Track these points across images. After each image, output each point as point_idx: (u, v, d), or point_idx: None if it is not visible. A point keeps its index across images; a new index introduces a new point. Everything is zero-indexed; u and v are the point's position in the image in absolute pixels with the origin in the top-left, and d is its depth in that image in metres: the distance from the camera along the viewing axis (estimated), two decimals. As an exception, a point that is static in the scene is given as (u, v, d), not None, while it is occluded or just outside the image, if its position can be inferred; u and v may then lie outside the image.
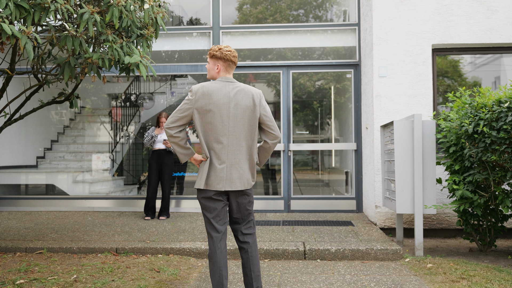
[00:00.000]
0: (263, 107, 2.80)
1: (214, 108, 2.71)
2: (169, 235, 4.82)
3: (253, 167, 2.82)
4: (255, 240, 2.87)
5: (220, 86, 2.78)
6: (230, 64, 2.88)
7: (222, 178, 2.70)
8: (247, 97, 2.76)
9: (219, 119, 2.71)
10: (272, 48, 6.79)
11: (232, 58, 2.88)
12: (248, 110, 2.75)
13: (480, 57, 5.85)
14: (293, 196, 6.42)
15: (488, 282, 3.40)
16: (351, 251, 4.20)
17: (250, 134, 2.77)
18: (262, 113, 2.79)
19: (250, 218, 2.88)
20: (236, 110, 2.72)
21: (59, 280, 3.42)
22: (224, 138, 2.72)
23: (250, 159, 2.79)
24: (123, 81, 9.37)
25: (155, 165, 6.00)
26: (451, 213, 5.34)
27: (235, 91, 2.77)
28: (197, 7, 7.31)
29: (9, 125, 4.45)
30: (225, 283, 2.68)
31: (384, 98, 5.55)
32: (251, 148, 2.78)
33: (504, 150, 3.87)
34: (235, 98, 2.74)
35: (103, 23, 3.72)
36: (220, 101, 2.72)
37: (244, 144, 2.76)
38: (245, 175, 2.77)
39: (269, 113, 2.82)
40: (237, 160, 2.74)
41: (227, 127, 2.72)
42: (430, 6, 5.55)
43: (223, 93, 2.74)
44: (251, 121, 2.76)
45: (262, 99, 2.83)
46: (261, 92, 2.87)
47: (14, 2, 3.19)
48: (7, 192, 7.42)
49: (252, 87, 2.84)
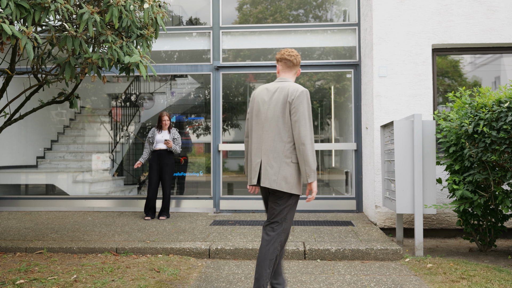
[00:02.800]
0: (294, 105, 2.73)
1: (256, 105, 2.88)
2: (169, 235, 4.82)
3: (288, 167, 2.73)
4: (271, 242, 2.76)
5: (269, 86, 2.89)
6: (287, 62, 2.93)
7: (255, 173, 2.81)
8: (282, 94, 2.79)
9: (257, 115, 2.86)
10: (272, 48, 6.79)
11: (287, 57, 2.93)
12: (281, 108, 2.77)
13: (480, 57, 5.85)
14: (293, 196, 6.41)
15: (488, 282, 3.40)
16: (351, 251, 4.20)
17: (285, 133, 2.75)
18: (292, 111, 2.74)
19: (274, 220, 2.80)
20: (274, 107, 2.79)
21: (59, 280, 3.42)
22: (260, 133, 2.82)
23: (283, 158, 2.73)
24: (123, 81, 9.37)
25: (155, 165, 6.00)
26: (451, 213, 5.34)
27: (275, 90, 2.83)
28: (197, 7, 7.31)
29: (9, 125, 4.45)
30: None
31: (384, 98, 5.55)
32: (285, 147, 2.74)
33: (504, 150, 3.87)
34: (273, 97, 2.82)
35: (103, 23, 3.72)
36: (260, 101, 2.87)
37: (277, 142, 2.75)
38: (273, 173, 2.73)
39: (300, 112, 2.71)
40: (268, 157, 2.76)
41: (264, 124, 2.81)
42: (430, 6, 5.55)
43: (266, 93, 2.86)
44: (284, 119, 2.75)
45: (298, 98, 2.73)
46: (303, 91, 2.77)
47: (15, 2, 3.19)
48: (7, 192, 7.42)
49: (295, 85, 2.81)
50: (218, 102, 6.56)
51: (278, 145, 2.75)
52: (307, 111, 2.74)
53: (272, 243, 2.76)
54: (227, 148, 7.00)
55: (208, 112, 7.02)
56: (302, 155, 2.70)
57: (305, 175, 2.71)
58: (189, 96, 9.09)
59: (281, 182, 2.72)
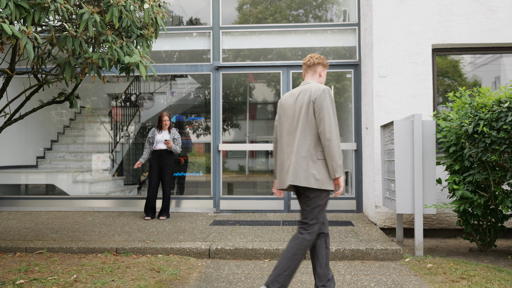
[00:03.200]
0: (318, 103, 2.79)
1: (283, 111, 3.00)
2: (169, 235, 4.82)
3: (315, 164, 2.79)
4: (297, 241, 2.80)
5: (293, 91, 3.00)
6: (304, 66, 3.07)
7: (287, 174, 2.87)
8: (306, 94, 2.87)
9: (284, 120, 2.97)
10: (272, 48, 6.79)
11: (304, 60, 3.09)
12: (305, 108, 2.84)
13: (480, 57, 5.85)
14: (293, 196, 6.42)
15: (488, 282, 3.40)
16: (351, 251, 4.20)
17: (310, 131, 2.82)
18: (316, 109, 2.80)
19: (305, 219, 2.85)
20: (299, 109, 2.87)
21: (59, 280, 3.42)
22: (289, 137, 2.91)
23: (310, 156, 2.80)
24: (123, 81, 9.37)
25: (155, 165, 6.00)
26: (451, 213, 5.34)
27: (299, 92, 2.93)
28: (197, 7, 7.31)
29: (9, 125, 4.45)
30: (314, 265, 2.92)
31: (384, 98, 5.55)
32: (311, 145, 2.81)
33: (504, 150, 3.87)
34: (297, 99, 2.91)
35: (103, 23, 3.72)
36: (287, 106, 2.97)
37: (304, 141, 2.82)
38: (301, 171, 2.80)
39: (324, 109, 2.77)
40: (297, 156, 2.83)
41: (291, 127, 2.91)
42: (430, 6, 5.55)
43: (291, 97, 2.97)
44: (308, 117, 2.82)
45: (320, 96, 2.80)
46: (325, 89, 2.82)
47: (14, 2, 3.19)
48: (7, 192, 7.42)
49: (317, 84, 2.89)
50: (218, 102, 6.56)
51: (304, 144, 2.83)
52: (330, 107, 2.80)
53: (299, 241, 2.81)
54: (227, 148, 7.00)
55: (208, 112, 7.03)
56: (328, 151, 2.77)
57: (332, 170, 2.78)
58: (189, 96, 9.09)
59: (310, 179, 2.79)
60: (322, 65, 3.04)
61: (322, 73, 3.06)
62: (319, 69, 3.04)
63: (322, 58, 3.06)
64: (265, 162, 8.20)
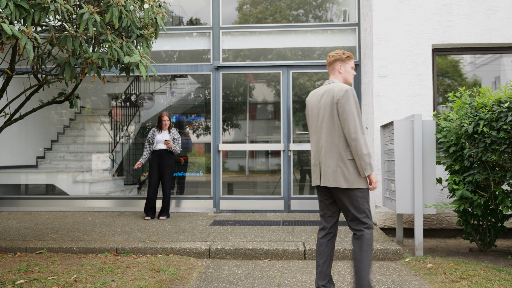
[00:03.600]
0: (341, 104, 2.82)
1: (309, 111, 3.07)
2: (169, 235, 4.82)
3: (344, 164, 2.83)
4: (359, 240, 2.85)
5: (318, 90, 3.04)
6: (329, 65, 3.10)
7: (317, 175, 2.95)
8: (329, 96, 2.90)
9: (311, 119, 3.03)
10: (272, 48, 6.79)
11: (326, 61, 3.12)
12: (329, 109, 2.88)
13: (480, 57, 5.85)
14: (293, 196, 6.42)
15: (488, 282, 3.40)
16: (351, 251, 4.20)
17: (336, 132, 2.85)
18: (340, 111, 2.83)
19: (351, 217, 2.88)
20: (323, 110, 2.91)
21: (59, 280, 3.42)
22: (316, 136, 2.98)
23: (339, 156, 2.84)
24: (123, 81, 9.37)
25: (155, 165, 6.00)
26: (451, 213, 5.34)
27: (323, 92, 2.96)
28: (197, 7, 7.31)
29: (9, 125, 4.45)
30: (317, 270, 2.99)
31: (384, 98, 5.55)
32: (338, 146, 2.85)
33: (504, 150, 3.87)
34: (321, 100, 2.95)
35: (103, 23, 3.72)
36: (312, 106, 3.03)
37: (331, 142, 2.87)
38: (331, 172, 2.84)
39: (347, 110, 2.80)
40: (325, 157, 2.88)
41: (317, 127, 2.96)
42: (430, 6, 5.55)
43: (316, 97, 3.01)
44: (333, 119, 2.86)
45: (343, 97, 2.82)
46: (348, 89, 2.84)
47: (14, 2, 3.19)
48: (7, 192, 7.42)
49: (340, 85, 2.90)
50: (218, 102, 6.56)
51: (332, 145, 2.87)
52: (354, 108, 2.82)
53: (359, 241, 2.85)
54: (227, 148, 7.00)
55: (208, 112, 7.02)
56: (355, 151, 2.80)
57: (361, 169, 2.82)
58: (189, 96, 9.09)
59: (339, 179, 2.83)
60: (339, 60, 3.03)
61: (342, 68, 3.04)
62: (337, 66, 3.04)
63: (340, 53, 3.04)
64: (265, 162, 8.20)
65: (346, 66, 3.05)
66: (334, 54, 3.06)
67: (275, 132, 7.60)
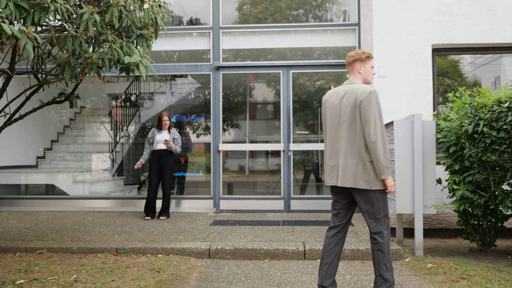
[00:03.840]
0: (363, 106, 2.82)
1: (327, 109, 3.04)
2: (169, 235, 4.82)
3: (365, 166, 2.84)
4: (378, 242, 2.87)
5: (338, 89, 3.01)
6: (349, 65, 3.08)
7: (334, 175, 2.94)
8: (352, 97, 2.88)
9: (329, 118, 3.00)
10: (272, 48, 6.79)
11: (345, 62, 3.10)
12: (352, 111, 2.87)
13: (480, 57, 5.85)
14: (293, 196, 6.42)
15: (488, 282, 3.40)
16: (351, 251, 4.20)
17: (358, 134, 2.85)
18: (362, 112, 2.83)
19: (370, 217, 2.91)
20: (345, 110, 2.89)
21: (59, 280, 3.42)
22: (334, 136, 2.96)
23: (359, 157, 2.85)
24: (123, 81, 9.37)
25: (155, 165, 6.00)
26: (451, 213, 5.34)
27: (344, 92, 2.94)
28: (197, 7, 7.31)
29: (9, 125, 4.45)
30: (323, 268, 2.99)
31: (384, 98, 5.55)
32: (360, 147, 2.85)
33: (504, 150, 3.87)
34: (343, 100, 2.93)
35: (102, 23, 3.72)
36: (332, 105, 2.99)
37: (352, 143, 2.86)
38: (351, 173, 2.85)
39: (369, 113, 2.80)
40: (345, 158, 2.88)
41: (337, 126, 2.93)
42: (430, 6, 5.55)
43: (336, 96, 2.98)
44: (355, 120, 2.86)
45: (366, 99, 2.82)
46: (371, 91, 2.83)
47: (14, 2, 3.19)
48: (7, 192, 7.42)
49: (363, 87, 2.89)
50: (218, 102, 6.57)
51: (353, 146, 2.87)
52: (376, 110, 2.82)
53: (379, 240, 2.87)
54: (227, 148, 7.00)
55: (208, 112, 7.02)
56: (374, 154, 2.81)
57: (378, 172, 2.83)
58: (189, 96, 9.09)
59: (359, 181, 2.85)
60: (359, 60, 3.02)
61: (361, 68, 3.02)
62: (356, 66, 3.03)
63: (360, 52, 3.02)
64: (265, 162, 8.20)
65: (366, 66, 3.04)
66: (353, 54, 3.03)
67: (275, 132, 7.60)
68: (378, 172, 2.83)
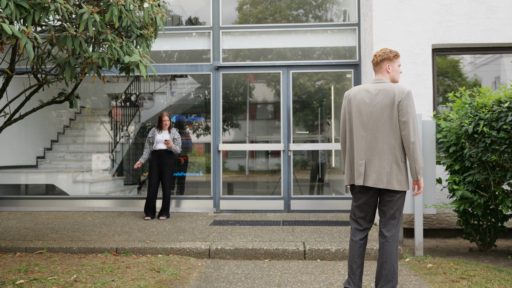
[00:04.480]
0: (403, 106, 2.81)
1: (353, 107, 2.96)
2: (169, 235, 4.82)
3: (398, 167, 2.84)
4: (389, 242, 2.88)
5: (368, 87, 2.95)
6: (376, 65, 3.03)
7: (360, 174, 2.89)
8: (388, 96, 2.85)
9: (357, 116, 2.92)
10: (272, 48, 6.79)
11: (372, 61, 3.05)
12: (388, 111, 2.84)
13: (480, 57, 5.85)
14: (293, 196, 6.42)
15: (488, 282, 3.40)
16: (351, 251, 4.20)
17: (393, 134, 2.84)
18: (400, 113, 2.82)
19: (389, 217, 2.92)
20: (380, 110, 2.85)
21: (59, 280, 3.42)
22: (364, 134, 2.90)
23: (394, 158, 2.84)
24: (123, 81, 9.37)
25: (155, 165, 6.00)
26: (451, 213, 5.34)
27: (377, 91, 2.90)
28: (197, 7, 7.31)
29: (9, 125, 4.45)
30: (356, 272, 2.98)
31: (384, 98, 5.54)
32: (395, 148, 2.84)
33: (504, 150, 3.87)
34: (376, 99, 2.88)
35: (102, 23, 3.72)
36: (361, 103, 2.92)
37: (388, 143, 2.85)
38: (385, 174, 2.84)
39: (409, 113, 2.80)
40: (380, 159, 2.85)
41: (368, 125, 2.89)
42: (430, 6, 5.55)
43: (367, 95, 2.92)
44: (392, 121, 2.83)
45: (405, 99, 2.81)
46: (409, 92, 2.83)
47: (14, 2, 3.19)
48: (7, 192, 7.42)
49: (400, 87, 2.87)
50: (218, 102, 6.56)
51: (388, 147, 2.85)
52: (414, 111, 2.84)
53: (393, 239, 2.89)
54: (227, 148, 7.00)
55: (208, 112, 7.02)
56: (412, 154, 2.81)
57: (415, 172, 2.85)
58: (189, 96, 9.09)
59: (393, 181, 2.84)
60: (387, 59, 2.98)
61: (389, 68, 2.99)
62: (385, 65, 2.99)
63: (387, 51, 2.99)
64: (265, 162, 8.20)
65: (394, 65, 3.01)
66: (381, 53, 2.99)
67: (275, 132, 7.60)
68: (415, 172, 2.84)
